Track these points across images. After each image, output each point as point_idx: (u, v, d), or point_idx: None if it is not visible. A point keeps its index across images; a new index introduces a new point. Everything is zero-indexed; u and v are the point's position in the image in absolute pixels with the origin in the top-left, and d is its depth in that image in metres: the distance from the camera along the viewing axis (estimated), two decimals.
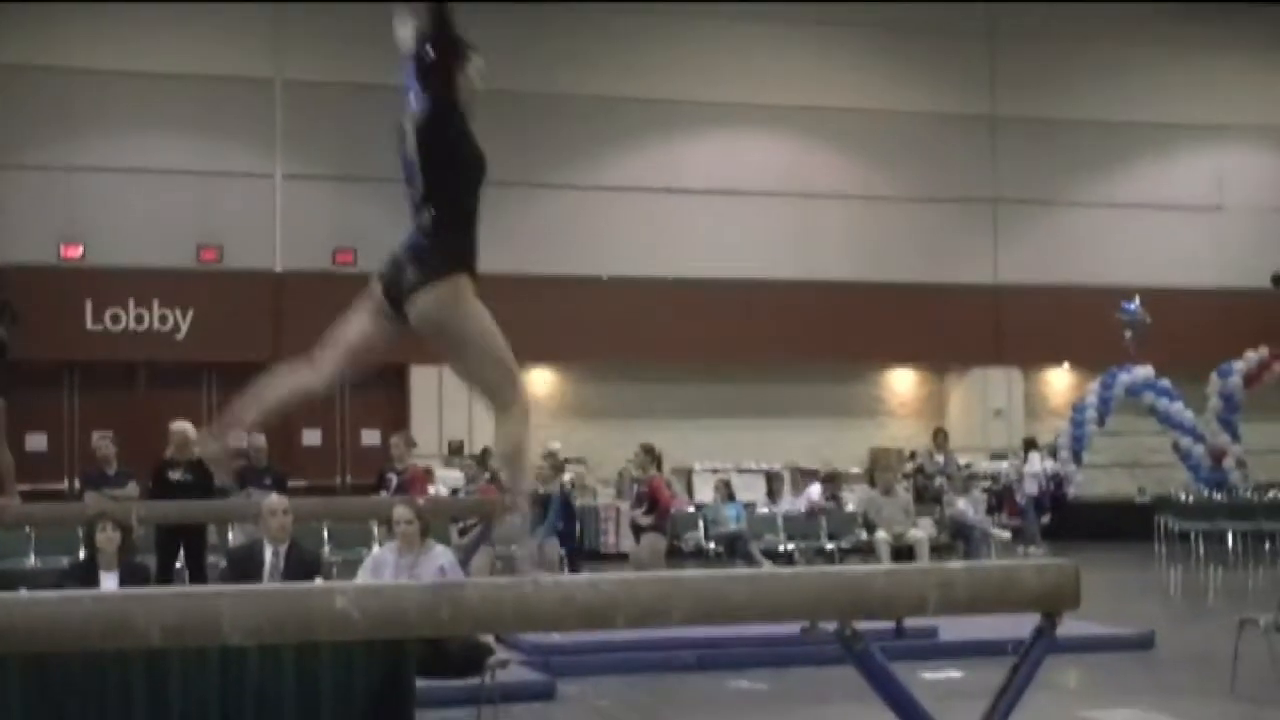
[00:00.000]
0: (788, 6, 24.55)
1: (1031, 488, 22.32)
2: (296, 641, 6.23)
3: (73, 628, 4.30)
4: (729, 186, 24.48)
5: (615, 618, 4.63)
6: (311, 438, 22.77)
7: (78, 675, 6.64)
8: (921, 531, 16.61)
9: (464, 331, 4.74)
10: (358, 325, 4.85)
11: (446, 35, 4.76)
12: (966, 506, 18.70)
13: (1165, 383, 24.35)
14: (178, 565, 12.39)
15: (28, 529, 14.89)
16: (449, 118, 4.75)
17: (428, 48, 4.75)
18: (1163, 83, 26.62)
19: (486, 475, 16.43)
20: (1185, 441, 24.35)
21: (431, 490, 16.33)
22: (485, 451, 19.58)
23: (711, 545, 17.67)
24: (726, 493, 18.35)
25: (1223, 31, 26.56)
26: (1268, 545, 20.29)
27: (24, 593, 4.91)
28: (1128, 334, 23.94)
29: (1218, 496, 22.37)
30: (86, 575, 8.81)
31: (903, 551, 16.12)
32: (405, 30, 4.78)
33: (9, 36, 21.87)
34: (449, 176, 4.77)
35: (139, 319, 22.26)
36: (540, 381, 24.32)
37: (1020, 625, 5.29)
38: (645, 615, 4.67)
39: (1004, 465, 24.18)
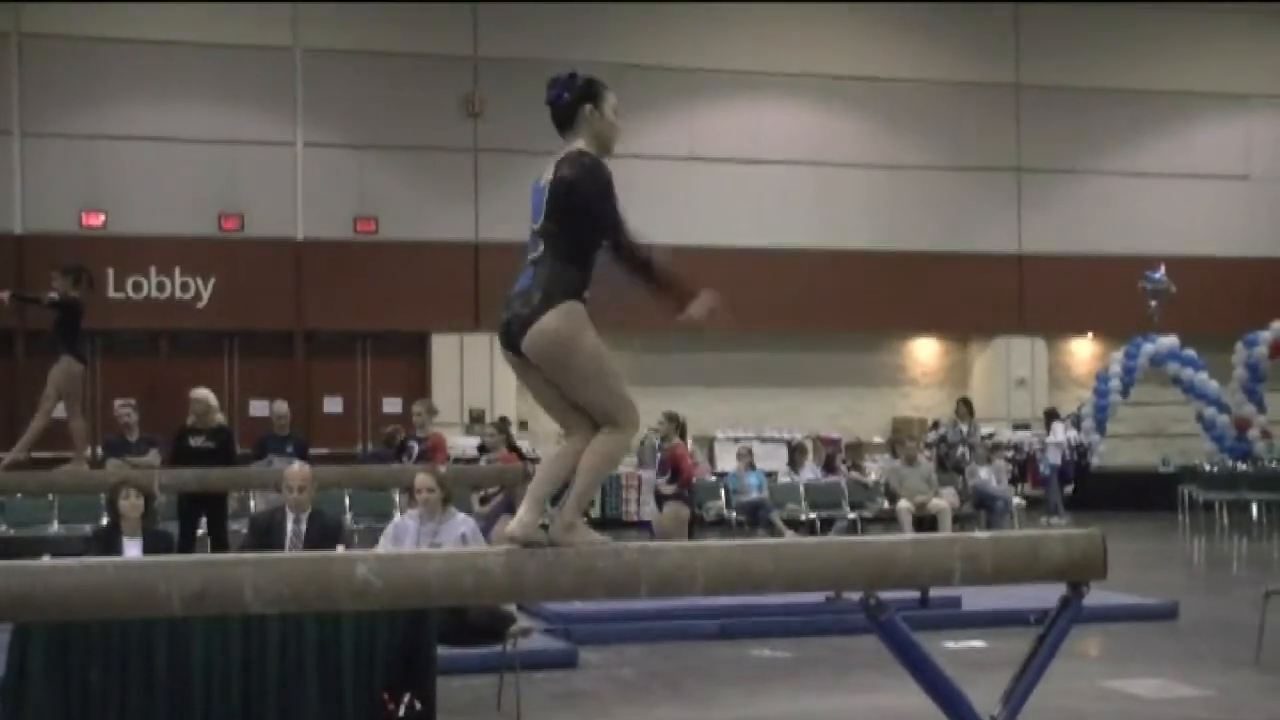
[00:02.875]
0: None
1: (1054, 458, 22.22)
2: (318, 610, 6.23)
3: (95, 596, 4.28)
4: (751, 155, 24.38)
5: (638, 587, 4.61)
6: (333, 405, 22.81)
7: (100, 643, 6.65)
8: (944, 501, 16.55)
9: (572, 358, 4.66)
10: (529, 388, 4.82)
11: (578, 78, 5.00)
12: (989, 476, 18.64)
13: (1190, 352, 24.18)
14: (199, 533, 12.40)
15: (51, 496, 14.97)
16: (596, 170, 4.93)
17: (561, 93, 4.96)
18: (1189, 51, 26.40)
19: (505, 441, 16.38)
20: (1209, 411, 24.19)
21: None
22: (504, 420, 19.55)
23: (733, 514, 17.68)
24: (748, 461, 18.34)
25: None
26: None
27: (47, 560, 4.90)
28: (1152, 303, 23.79)
29: (1242, 466, 22.26)
30: (109, 542, 8.82)
31: (925, 521, 16.06)
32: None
33: (32, 6, 21.85)
34: (573, 219, 4.79)
35: (160, 287, 22.30)
36: None
37: (1043, 595, 5.25)
38: (668, 584, 4.65)
39: (1027, 435, 24.10)
